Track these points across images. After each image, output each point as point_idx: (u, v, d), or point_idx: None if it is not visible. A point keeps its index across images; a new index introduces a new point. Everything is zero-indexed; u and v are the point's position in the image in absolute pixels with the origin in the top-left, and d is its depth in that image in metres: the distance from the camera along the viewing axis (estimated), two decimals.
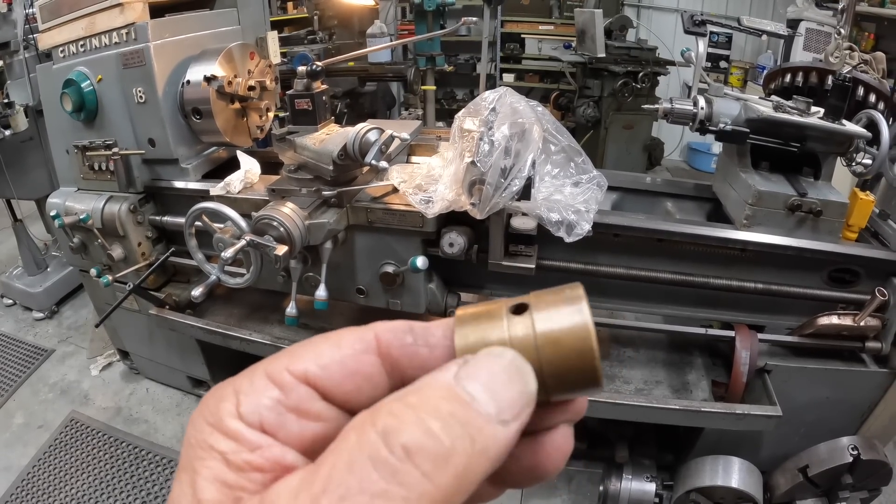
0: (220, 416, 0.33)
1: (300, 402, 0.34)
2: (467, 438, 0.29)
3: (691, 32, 2.21)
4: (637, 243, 2.11)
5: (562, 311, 0.35)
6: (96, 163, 2.47)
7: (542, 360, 0.34)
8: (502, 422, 0.30)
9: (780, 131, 2.05)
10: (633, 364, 2.33)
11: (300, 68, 1.90)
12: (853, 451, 2.14)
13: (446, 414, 0.29)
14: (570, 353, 0.34)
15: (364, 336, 0.36)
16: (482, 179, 1.66)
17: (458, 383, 0.31)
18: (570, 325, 0.34)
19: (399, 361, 0.35)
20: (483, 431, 0.29)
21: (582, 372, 0.34)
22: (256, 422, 0.33)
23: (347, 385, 0.35)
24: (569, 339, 0.34)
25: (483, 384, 0.31)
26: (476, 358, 0.33)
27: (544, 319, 0.34)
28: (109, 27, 2.31)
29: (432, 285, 2.16)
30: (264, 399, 0.34)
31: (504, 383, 0.32)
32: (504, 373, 0.32)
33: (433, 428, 0.28)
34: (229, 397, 0.34)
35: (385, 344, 0.36)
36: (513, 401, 0.31)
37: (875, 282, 2.08)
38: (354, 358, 0.35)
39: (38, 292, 3.94)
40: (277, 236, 1.76)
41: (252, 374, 0.35)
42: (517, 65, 7.11)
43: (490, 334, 0.35)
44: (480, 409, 0.30)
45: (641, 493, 2.33)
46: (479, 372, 0.32)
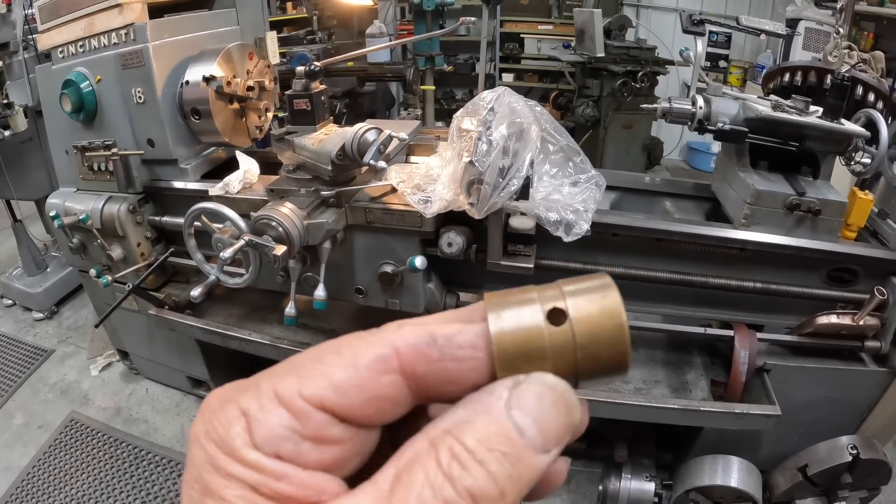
0: (232, 446, 0.32)
1: (317, 430, 0.33)
2: (518, 476, 0.31)
3: (690, 32, 2.21)
4: (636, 243, 2.11)
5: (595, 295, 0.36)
6: (95, 163, 2.47)
7: (578, 356, 0.35)
8: (546, 451, 0.32)
9: (778, 130, 2.06)
10: (632, 363, 2.32)
11: (299, 68, 1.90)
12: (852, 450, 2.14)
13: (501, 455, 0.31)
14: (606, 347, 0.35)
15: (383, 353, 0.34)
16: (480, 179, 1.66)
17: (509, 413, 0.32)
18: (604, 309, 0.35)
19: (426, 379, 0.34)
20: (530, 465, 0.31)
21: (614, 362, 0.35)
22: (272, 452, 0.32)
23: (368, 409, 0.34)
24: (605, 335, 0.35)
25: (533, 418, 0.32)
26: (528, 385, 0.33)
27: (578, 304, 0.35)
28: (108, 28, 2.31)
29: (431, 285, 2.16)
30: (278, 429, 0.32)
31: (553, 418, 0.33)
32: (554, 407, 0.33)
33: (493, 472, 0.30)
34: (237, 420, 0.33)
35: (408, 362, 0.34)
36: (559, 433, 0.33)
37: (874, 281, 2.08)
38: (374, 381, 0.34)
39: (37, 293, 3.94)
40: (276, 236, 1.77)
41: (258, 391, 0.33)
42: (516, 64, 7.11)
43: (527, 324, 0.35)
44: (529, 443, 0.32)
45: (641, 493, 2.33)
46: (530, 403, 0.32)
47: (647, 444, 2.52)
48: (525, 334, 0.35)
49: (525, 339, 0.34)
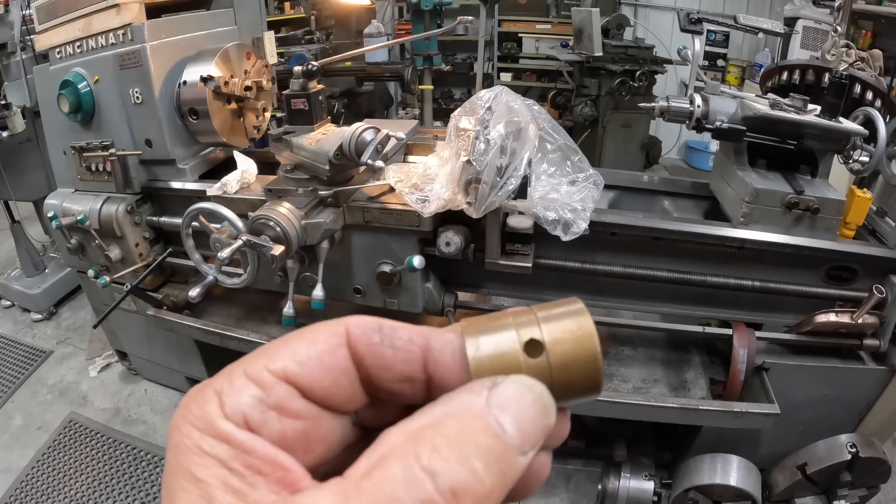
0: (208, 419, 0.33)
1: (280, 400, 0.34)
2: (501, 474, 0.30)
3: (688, 31, 2.21)
4: (634, 242, 2.11)
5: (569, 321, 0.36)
6: (93, 164, 2.47)
7: (553, 373, 0.35)
8: (523, 453, 0.32)
9: (776, 129, 2.05)
10: (630, 363, 2.33)
11: (296, 68, 1.90)
12: (851, 448, 2.14)
13: (485, 451, 0.30)
14: (580, 377, 0.36)
15: (337, 330, 0.37)
16: (478, 178, 1.66)
17: (491, 412, 0.32)
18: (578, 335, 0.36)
19: (364, 359, 0.36)
20: (511, 465, 0.31)
21: (587, 388, 0.36)
22: (241, 420, 0.33)
23: (326, 381, 0.35)
24: (580, 366, 0.36)
25: (513, 417, 0.32)
26: (507, 385, 0.34)
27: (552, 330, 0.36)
28: (106, 28, 2.31)
29: (429, 285, 2.15)
30: (245, 398, 0.34)
31: (532, 419, 0.33)
32: (533, 408, 0.33)
33: (477, 469, 0.29)
34: (212, 398, 0.34)
35: (354, 338, 0.36)
36: (536, 434, 0.33)
37: (872, 279, 2.08)
38: (330, 353, 0.36)
39: (36, 294, 3.93)
40: (274, 236, 1.76)
41: (230, 374, 0.36)
42: (514, 64, 7.10)
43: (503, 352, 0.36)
44: (510, 442, 0.31)
45: (640, 492, 2.33)
46: (510, 404, 0.33)
47: (647, 443, 2.52)
48: (502, 361, 0.36)
49: (502, 365, 0.35)
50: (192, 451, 0.33)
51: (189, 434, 0.33)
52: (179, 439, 0.33)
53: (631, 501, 2.34)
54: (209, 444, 0.33)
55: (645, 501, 2.34)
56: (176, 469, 0.33)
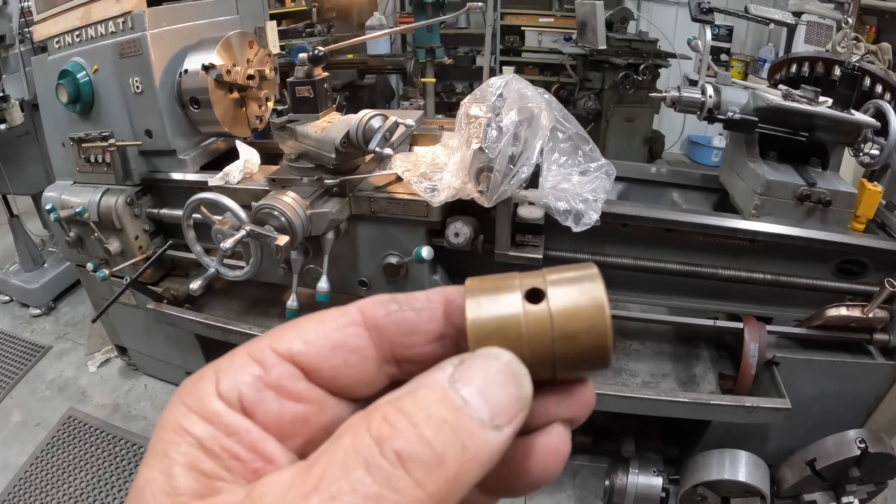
0: (198, 396, 0.33)
1: (281, 378, 0.33)
2: (459, 445, 0.28)
3: (699, 20, 2.18)
4: (645, 233, 2.08)
5: (578, 287, 0.35)
6: (92, 155, 2.44)
7: (554, 337, 0.34)
8: (496, 427, 0.30)
9: (788, 120, 2.04)
10: (639, 357, 2.31)
11: (301, 55, 1.86)
12: (861, 444, 2.12)
13: (439, 420, 0.29)
14: (584, 331, 0.34)
15: (347, 310, 0.36)
16: (490, 167, 1.62)
17: (453, 386, 0.30)
18: (586, 301, 0.34)
19: (387, 330, 0.35)
20: (475, 437, 0.29)
21: (594, 349, 0.34)
22: (235, 399, 0.32)
23: (334, 359, 0.34)
24: (584, 316, 0.34)
25: (478, 388, 0.30)
26: (472, 358, 0.32)
27: (559, 293, 0.34)
28: (105, 16, 2.28)
29: (437, 277, 2.13)
30: (244, 375, 0.33)
31: (499, 387, 0.31)
32: (499, 376, 0.31)
33: (426, 435, 0.28)
34: (209, 377, 0.34)
35: (370, 315, 0.36)
36: (507, 405, 0.31)
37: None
38: (339, 331, 0.35)
39: (34, 288, 3.90)
40: (278, 226, 1.73)
41: (233, 354, 0.35)
42: (517, 57, 7.05)
43: (504, 305, 0.34)
44: (473, 414, 0.30)
45: (648, 488, 2.31)
46: (474, 375, 0.31)
47: (654, 438, 2.50)
48: (501, 318, 0.34)
49: (501, 322, 0.34)
50: (172, 429, 0.32)
51: (175, 411, 0.32)
52: (166, 416, 0.33)
53: (639, 497, 2.32)
54: (190, 421, 0.32)
55: (653, 497, 2.32)
56: (151, 447, 0.32)
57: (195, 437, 0.31)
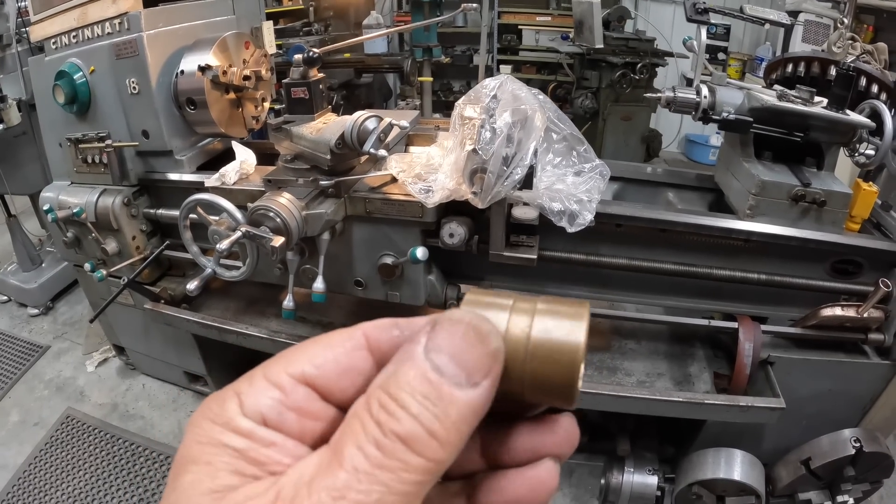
0: (228, 416, 0.35)
1: (299, 402, 0.36)
2: (442, 413, 0.33)
3: (694, 20, 2.18)
4: (640, 233, 2.09)
5: (562, 323, 0.37)
6: (89, 155, 2.44)
7: (526, 361, 0.36)
8: (473, 385, 0.34)
9: (783, 121, 2.04)
10: (634, 356, 2.31)
11: (296, 56, 1.86)
12: (855, 443, 2.13)
13: (422, 398, 0.33)
14: (556, 365, 0.36)
15: (353, 334, 0.39)
16: (484, 168, 1.63)
17: (427, 356, 0.34)
18: (563, 338, 0.37)
19: (388, 353, 0.37)
20: (457, 400, 0.33)
21: (561, 385, 0.37)
22: (259, 420, 0.35)
23: (343, 382, 0.38)
24: (558, 352, 0.36)
25: (448, 354, 0.34)
26: (440, 323, 0.36)
27: (543, 323, 0.37)
28: (102, 17, 2.28)
29: (432, 277, 2.13)
30: (264, 398, 0.36)
31: (467, 348, 0.34)
32: (464, 338, 0.35)
33: (416, 413, 0.32)
34: (232, 398, 0.36)
35: (374, 339, 0.38)
36: (478, 362, 0.34)
37: (877, 273, 2.07)
38: (347, 355, 0.38)
39: (32, 288, 3.90)
40: (274, 227, 1.73)
41: (251, 377, 0.38)
42: (514, 56, 7.05)
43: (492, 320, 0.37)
44: (450, 379, 0.33)
45: (643, 487, 2.32)
46: (443, 341, 0.35)
47: (650, 437, 2.51)
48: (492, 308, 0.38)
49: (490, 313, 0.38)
50: (209, 443, 0.35)
51: (208, 429, 0.35)
52: (196, 433, 0.35)
53: (634, 496, 2.32)
54: (227, 437, 0.35)
55: (648, 496, 2.33)
56: (187, 459, 0.34)
57: (236, 449, 0.34)
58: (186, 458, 0.34)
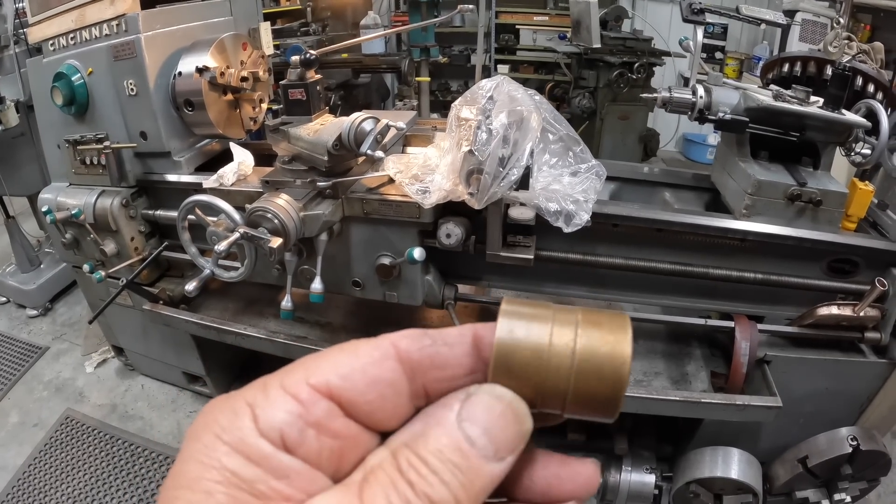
0: (239, 435, 0.32)
1: (321, 418, 0.34)
2: (469, 483, 0.32)
3: (690, 21, 2.19)
4: (636, 233, 2.09)
5: (606, 336, 0.36)
6: (88, 157, 2.44)
7: (571, 376, 0.35)
8: (499, 459, 0.34)
9: (779, 120, 2.04)
10: (632, 355, 2.31)
11: (294, 58, 1.87)
12: (852, 441, 2.14)
13: (453, 465, 0.32)
14: (600, 380, 0.35)
15: (380, 344, 0.37)
16: (480, 169, 1.63)
17: (461, 425, 0.34)
18: (610, 351, 0.36)
19: (420, 364, 0.37)
20: (482, 473, 0.33)
21: (605, 400, 0.36)
22: (277, 438, 0.33)
23: (371, 394, 0.35)
24: (605, 367, 0.35)
25: (483, 428, 0.34)
26: (478, 396, 0.35)
27: (588, 337, 0.36)
28: (100, 19, 2.28)
29: (429, 277, 2.13)
30: (282, 413, 0.33)
31: (502, 427, 0.34)
32: (502, 417, 0.34)
33: (447, 480, 0.32)
34: (244, 411, 0.33)
35: (404, 349, 0.37)
36: (509, 441, 0.34)
37: (874, 272, 2.07)
38: (375, 365, 0.36)
39: (31, 289, 3.90)
40: (272, 228, 1.74)
41: (265, 385, 0.35)
42: (512, 56, 7.07)
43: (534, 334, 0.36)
44: (480, 453, 0.33)
45: (641, 485, 2.33)
46: (479, 415, 0.34)
47: (647, 436, 2.51)
48: (529, 345, 0.36)
49: (527, 353, 0.36)
50: (212, 465, 0.31)
51: (212, 447, 0.32)
52: (198, 450, 0.32)
53: (632, 495, 2.33)
54: (236, 462, 0.32)
55: (646, 494, 2.34)
56: (183, 481, 0.32)
57: (242, 479, 0.31)
58: (183, 478, 0.32)
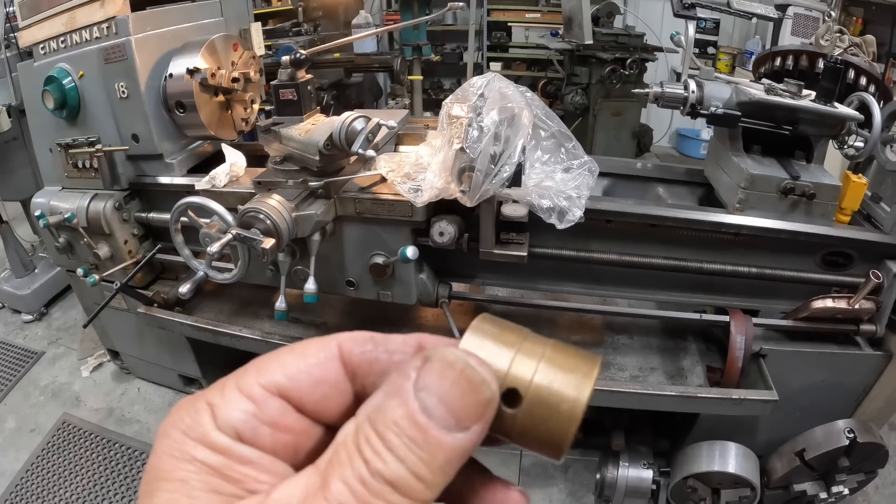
0: (201, 431, 0.34)
1: (273, 415, 0.36)
2: (431, 457, 0.32)
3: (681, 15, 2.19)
4: (630, 229, 2.09)
5: (568, 377, 0.35)
6: (80, 160, 2.43)
7: (518, 416, 0.35)
8: (463, 429, 0.33)
9: (772, 114, 2.04)
10: (627, 351, 2.32)
11: (284, 58, 1.86)
12: (849, 434, 2.14)
13: (409, 440, 0.31)
14: (552, 419, 0.35)
15: (327, 345, 0.38)
16: (472, 166, 1.63)
17: (417, 395, 0.33)
18: (565, 392, 0.35)
19: (360, 367, 0.38)
20: (445, 446, 0.32)
21: (553, 439, 0.35)
22: (233, 434, 0.35)
23: (316, 394, 0.37)
24: (557, 405, 0.35)
25: (439, 397, 0.33)
26: (432, 363, 0.34)
27: (548, 373, 0.35)
28: (90, 22, 2.27)
29: (423, 276, 2.13)
30: (237, 412, 0.35)
31: (459, 395, 0.33)
32: (457, 385, 0.33)
33: (402, 457, 0.31)
34: (204, 410, 0.35)
35: (346, 351, 0.38)
36: (469, 409, 0.33)
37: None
38: (320, 366, 0.37)
39: (26, 294, 3.89)
40: (264, 229, 1.73)
41: (222, 387, 0.37)
42: (504, 53, 7.07)
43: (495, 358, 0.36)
44: (439, 423, 0.32)
45: (638, 480, 2.33)
46: (433, 383, 0.33)
47: (644, 431, 2.52)
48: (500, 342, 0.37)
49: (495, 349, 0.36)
50: (183, 458, 0.34)
51: (181, 442, 0.34)
52: (169, 446, 0.34)
53: (630, 490, 2.33)
54: (202, 453, 0.34)
55: (643, 489, 2.34)
56: (160, 474, 0.34)
57: (212, 467, 0.33)
58: (159, 472, 0.34)
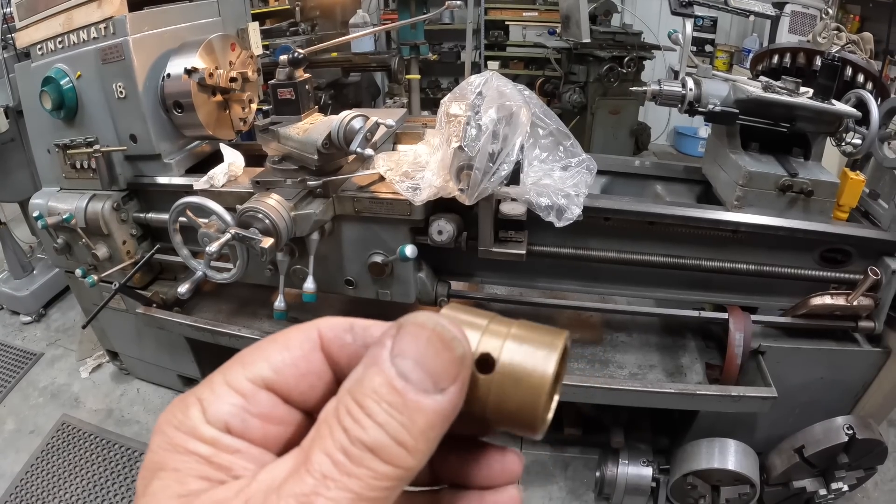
0: (192, 424, 0.35)
1: (262, 408, 0.36)
2: (411, 421, 0.32)
3: (678, 13, 2.19)
4: (628, 227, 2.09)
5: (534, 351, 0.36)
6: (78, 161, 2.43)
7: (492, 386, 0.35)
8: (440, 390, 0.33)
9: (769, 112, 2.05)
10: (626, 349, 2.32)
11: (282, 57, 1.86)
12: (848, 430, 2.14)
13: (387, 406, 0.32)
14: (520, 393, 0.35)
15: (310, 335, 0.38)
16: (470, 165, 1.63)
17: (394, 361, 0.33)
18: (531, 365, 0.35)
19: (339, 360, 0.38)
20: (424, 408, 0.32)
21: (524, 414, 0.36)
22: (223, 428, 0.35)
23: (302, 385, 0.37)
24: (525, 378, 0.35)
25: (414, 359, 0.33)
26: (403, 328, 0.34)
27: (513, 348, 0.36)
28: (87, 22, 2.26)
29: (422, 274, 2.13)
30: (226, 406, 0.36)
31: (432, 354, 0.33)
32: (429, 344, 0.34)
33: (382, 422, 0.32)
34: (194, 404, 0.36)
35: (326, 342, 0.38)
36: (445, 368, 0.34)
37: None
38: (304, 358, 0.38)
39: (24, 296, 3.89)
40: (263, 229, 1.73)
41: (211, 382, 0.37)
42: (502, 52, 7.07)
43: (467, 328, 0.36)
44: (417, 386, 0.33)
45: (638, 478, 2.33)
46: (407, 346, 0.34)
47: (644, 429, 2.52)
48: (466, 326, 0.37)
49: None
50: (175, 450, 0.35)
51: (173, 435, 0.35)
52: (163, 441, 0.35)
53: (629, 487, 2.34)
54: (193, 444, 0.35)
55: (643, 487, 2.35)
56: (155, 466, 0.35)
57: (202, 456, 0.34)
58: (155, 463, 0.35)
